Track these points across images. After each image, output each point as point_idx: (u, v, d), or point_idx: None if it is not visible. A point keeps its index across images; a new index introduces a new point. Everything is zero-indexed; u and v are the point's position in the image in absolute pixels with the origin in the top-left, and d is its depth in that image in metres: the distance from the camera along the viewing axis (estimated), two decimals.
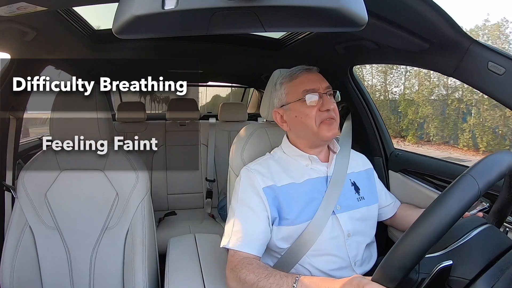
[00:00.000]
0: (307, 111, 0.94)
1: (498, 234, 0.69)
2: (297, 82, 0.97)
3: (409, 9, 0.76)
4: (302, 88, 0.95)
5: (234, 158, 1.10)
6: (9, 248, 1.05)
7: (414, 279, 0.59)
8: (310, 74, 0.98)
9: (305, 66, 1.00)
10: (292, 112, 0.97)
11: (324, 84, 0.96)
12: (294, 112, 0.97)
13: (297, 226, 0.90)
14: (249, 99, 3.30)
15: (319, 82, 0.96)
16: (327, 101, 0.94)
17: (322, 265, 0.90)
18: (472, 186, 0.57)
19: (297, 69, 1.00)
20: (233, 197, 0.96)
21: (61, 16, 1.10)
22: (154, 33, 0.57)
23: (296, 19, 0.56)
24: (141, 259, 1.06)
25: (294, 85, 0.97)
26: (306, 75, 0.97)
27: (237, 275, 0.81)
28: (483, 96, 7.79)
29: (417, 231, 0.54)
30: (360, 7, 0.52)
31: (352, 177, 1.01)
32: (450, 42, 0.84)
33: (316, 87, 0.95)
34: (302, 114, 0.95)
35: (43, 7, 0.80)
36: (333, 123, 0.94)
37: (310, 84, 0.95)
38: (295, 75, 0.98)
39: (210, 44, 1.61)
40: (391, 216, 1.12)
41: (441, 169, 1.21)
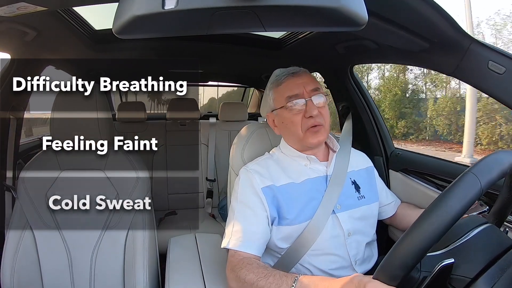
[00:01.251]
0: (292, 118, 0.94)
1: (498, 234, 0.69)
2: (281, 88, 0.96)
3: (409, 8, 0.76)
4: (285, 94, 0.94)
5: (234, 157, 1.10)
6: (10, 248, 1.05)
7: (416, 277, 0.59)
8: (294, 78, 0.96)
9: (292, 69, 0.99)
10: (279, 118, 0.98)
11: (309, 87, 0.94)
12: (281, 118, 0.97)
13: (296, 226, 0.90)
14: (250, 98, 3.30)
15: (303, 86, 0.93)
16: (310, 107, 0.92)
17: (323, 265, 0.90)
18: (475, 184, 0.56)
19: (283, 73, 0.98)
20: (233, 197, 0.96)
21: (61, 16, 1.10)
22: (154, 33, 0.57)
23: (296, 18, 0.56)
24: (141, 259, 1.06)
25: (279, 91, 0.97)
26: (291, 80, 0.96)
27: (237, 275, 0.81)
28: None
29: (419, 229, 0.54)
30: (360, 6, 0.52)
31: (352, 175, 1.01)
32: (451, 42, 0.84)
33: (299, 92, 0.93)
34: (287, 120, 0.95)
35: (43, 7, 0.80)
36: (319, 130, 0.93)
37: (293, 89, 0.94)
38: (280, 80, 0.97)
39: (210, 44, 1.61)
40: (392, 215, 1.11)
41: (441, 169, 1.21)
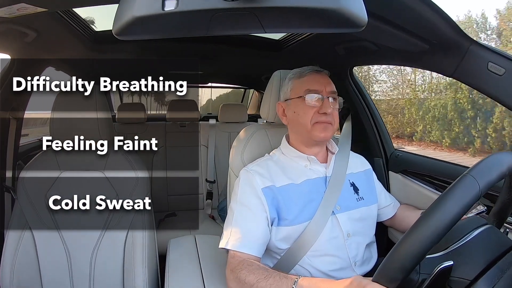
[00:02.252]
0: (305, 110, 0.95)
1: (498, 235, 0.69)
2: (303, 80, 0.99)
3: (408, 9, 0.76)
4: (306, 87, 0.96)
5: (234, 159, 1.10)
6: (9, 249, 1.04)
7: (415, 279, 0.59)
8: (317, 76, 0.99)
9: (316, 68, 1.01)
10: (292, 108, 0.99)
11: (329, 88, 0.97)
12: (294, 108, 0.98)
13: (296, 227, 0.90)
14: (249, 100, 3.31)
15: (324, 85, 0.96)
16: (326, 105, 0.94)
17: (322, 266, 0.90)
18: (473, 187, 0.56)
19: (307, 68, 1.01)
20: (232, 198, 0.96)
21: (61, 17, 1.10)
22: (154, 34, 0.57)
23: (296, 20, 0.56)
24: (141, 260, 1.05)
25: (300, 82, 0.99)
26: (314, 75, 0.99)
27: (237, 276, 0.81)
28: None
29: (418, 231, 0.54)
30: (359, 8, 0.52)
31: (351, 177, 1.01)
32: (450, 43, 0.84)
33: (319, 89, 0.95)
34: (300, 111, 0.96)
35: (43, 8, 0.81)
36: (328, 127, 0.95)
37: (314, 84, 0.96)
38: (303, 73, 1.00)
39: (210, 45, 1.61)
40: (391, 216, 1.12)
41: (441, 170, 1.21)
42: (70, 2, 0.92)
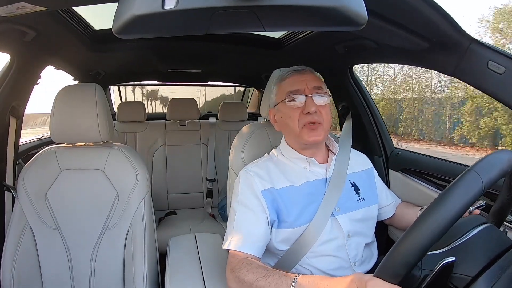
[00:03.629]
0: (290, 113, 0.94)
1: (498, 234, 0.69)
2: (284, 83, 0.98)
3: (409, 8, 0.76)
4: (287, 89, 0.95)
5: (234, 158, 1.10)
6: (10, 248, 1.04)
7: (417, 275, 0.59)
8: (298, 75, 0.96)
9: (297, 67, 0.99)
10: (279, 113, 0.99)
11: (311, 84, 0.94)
12: (280, 113, 0.98)
13: (295, 229, 0.90)
14: (249, 98, 3.30)
15: (305, 83, 0.93)
16: (309, 104, 0.91)
17: (322, 265, 0.90)
18: (477, 182, 0.57)
19: (288, 70, 0.99)
20: (233, 198, 0.96)
21: (61, 16, 1.10)
22: (154, 33, 0.57)
23: (296, 18, 0.56)
24: (141, 258, 1.06)
25: (282, 86, 0.98)
26: (295, 76, 0.97)
27: (236, 275, 0.81)
28: None
29: (422, 226, 0.54)
30: (360, 6, 0.52)
31: (352, 177, 1.01)
32: (450, 41, 0.84)
33: (300, 88, 0.93)
34: (286, 115, 0.95)
35: (42, 7, 0.80)
36: (317, 128, 0.92)
37: (295, 85, 0.94)
38: (284, 76, 0.99)
39: (210, 43, 1.61)
40: (391, 215, 1.12)
41: (441, 169, 1.21)
42: (69, 1, 0.91)
